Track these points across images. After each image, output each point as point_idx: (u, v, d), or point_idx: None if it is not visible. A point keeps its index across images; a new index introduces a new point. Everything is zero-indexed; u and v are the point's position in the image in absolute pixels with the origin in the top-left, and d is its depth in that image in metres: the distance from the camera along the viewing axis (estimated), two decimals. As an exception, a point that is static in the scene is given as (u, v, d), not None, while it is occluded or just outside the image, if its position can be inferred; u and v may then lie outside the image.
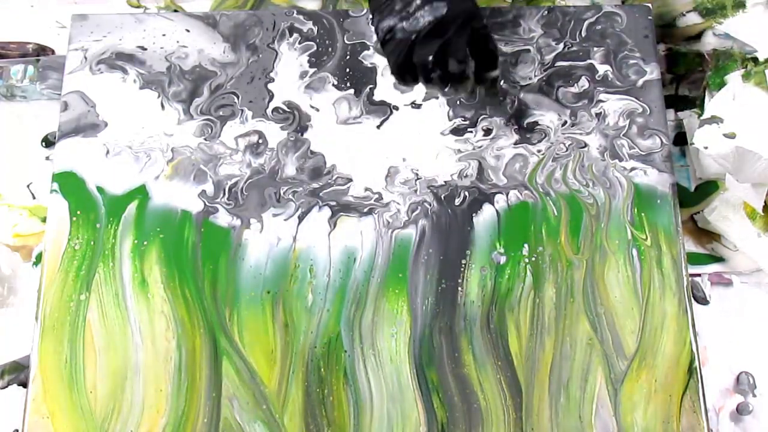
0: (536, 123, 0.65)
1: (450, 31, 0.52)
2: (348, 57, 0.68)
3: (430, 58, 0.52)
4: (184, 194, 0.63)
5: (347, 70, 0.67)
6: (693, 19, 0.71)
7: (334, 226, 0.62)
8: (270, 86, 0.67)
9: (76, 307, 0.59)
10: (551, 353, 0.58)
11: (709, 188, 0.67)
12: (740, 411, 0.60)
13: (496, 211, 0.62)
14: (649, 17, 0.69)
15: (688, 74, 0.72)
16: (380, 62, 0.67)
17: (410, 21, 0.52)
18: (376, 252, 0.61)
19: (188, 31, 0.69)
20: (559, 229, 0.62)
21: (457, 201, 0.62)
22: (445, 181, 0.63)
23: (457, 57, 0.52)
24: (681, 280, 0.60)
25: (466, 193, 0.63)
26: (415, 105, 0.66)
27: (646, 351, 0.58)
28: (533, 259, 0.61)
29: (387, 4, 0.53)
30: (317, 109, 0.66)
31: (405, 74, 0.54)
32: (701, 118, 0.65)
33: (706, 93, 0.68)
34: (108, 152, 0.64)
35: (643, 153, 0.64)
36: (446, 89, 0.55)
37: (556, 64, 0.67)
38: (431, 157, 0.64)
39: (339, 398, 0.57)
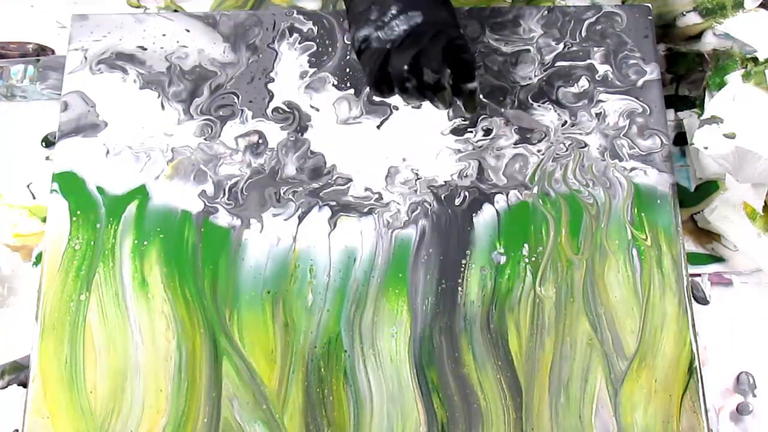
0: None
1: (425, 41, 0.51)
2: (348, 57, 0.67)
3: (405, 67, 0.51)
4: (184, 194, 0.63)
5: (347, 70, 0.67)
6: (693, 19, 0.71)
7: (334, 226, 0.62)
8: (270, 86, 0.67)
9: (76, 307, 0.59)
10: (551, 353, 0.58)
11: (709, 188, 0.67)
12: (740, 411, 0.60)
13: (496, 211, 0.62)
14: (649, 17, 0.69)
15: (688, 74, 0.72)
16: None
17: (385, 30, 0.51)
18: (376, 252, 0.61)
19: (188, 31, 0.69)
20: (559, 229, 0.62)
21: (457, 201, 0.62)
22: (445, 181, 0.63)
23: (432, 66, 0.51)
24: (681, 280, 0.60)
25: (466, 193, 0.63)
26: (415, 105, 0.65)
27: (646, 351, 0.58)
28: (533, 259, 0.61)
29: (363, 14, 0.52)
30: (317, 109, 0.66)
31: (381, 84, 0.53)
32: (701, 118, 0.64)
33: (706, 93, 0.68)
34: (108, 152, 0.64)
35: (643, 153, 0.64)
36: (423, 100, 0.54)
37: (556, 64, 0.68)
38: (431, 157, 0.64)
39: (339, 398, 0.57)
